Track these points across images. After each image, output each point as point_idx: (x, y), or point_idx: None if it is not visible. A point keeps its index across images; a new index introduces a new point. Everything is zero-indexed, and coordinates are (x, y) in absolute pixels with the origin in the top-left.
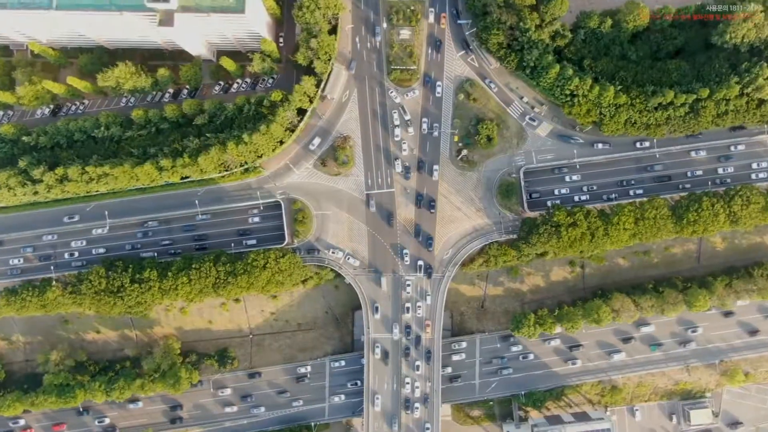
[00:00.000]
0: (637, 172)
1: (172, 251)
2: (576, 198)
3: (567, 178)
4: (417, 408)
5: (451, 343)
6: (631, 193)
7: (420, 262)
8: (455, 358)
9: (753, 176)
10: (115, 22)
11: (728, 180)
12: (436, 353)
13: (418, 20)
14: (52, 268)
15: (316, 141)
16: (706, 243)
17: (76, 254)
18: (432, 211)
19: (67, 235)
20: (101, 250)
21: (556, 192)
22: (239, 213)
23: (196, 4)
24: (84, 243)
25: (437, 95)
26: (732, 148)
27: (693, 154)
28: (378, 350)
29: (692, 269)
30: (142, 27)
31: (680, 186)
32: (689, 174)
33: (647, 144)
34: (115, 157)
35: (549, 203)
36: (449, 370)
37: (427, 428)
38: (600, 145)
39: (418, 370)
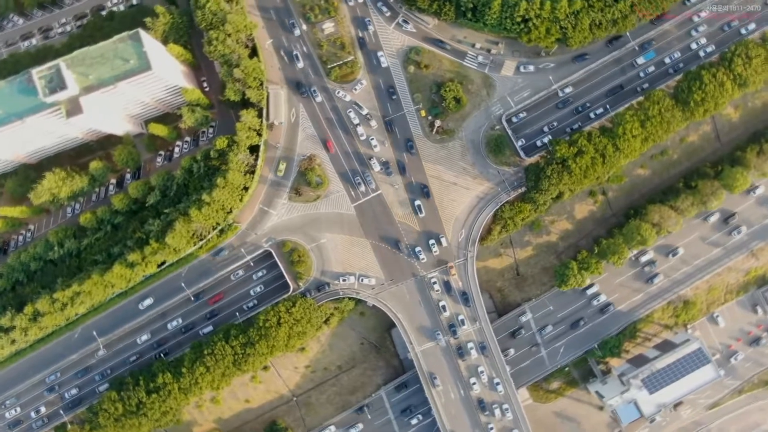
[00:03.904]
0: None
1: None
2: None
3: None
4: (494, 407)
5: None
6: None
7: (437, 255)
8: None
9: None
10: (21, 133)
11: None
12: (488, 337)
13: (336, 8)
14: (61, 411)
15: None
16: (719, 119)
17: (80, 388)
18: (428, 197)
19: (65, 371)
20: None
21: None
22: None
23: (98, 80)
24: (86, 373)
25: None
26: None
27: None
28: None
29: (716, 151)
30: (52, 126)
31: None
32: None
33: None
34: (80, 272)
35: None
36: (512, 351)
37: (506, 408)
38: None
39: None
